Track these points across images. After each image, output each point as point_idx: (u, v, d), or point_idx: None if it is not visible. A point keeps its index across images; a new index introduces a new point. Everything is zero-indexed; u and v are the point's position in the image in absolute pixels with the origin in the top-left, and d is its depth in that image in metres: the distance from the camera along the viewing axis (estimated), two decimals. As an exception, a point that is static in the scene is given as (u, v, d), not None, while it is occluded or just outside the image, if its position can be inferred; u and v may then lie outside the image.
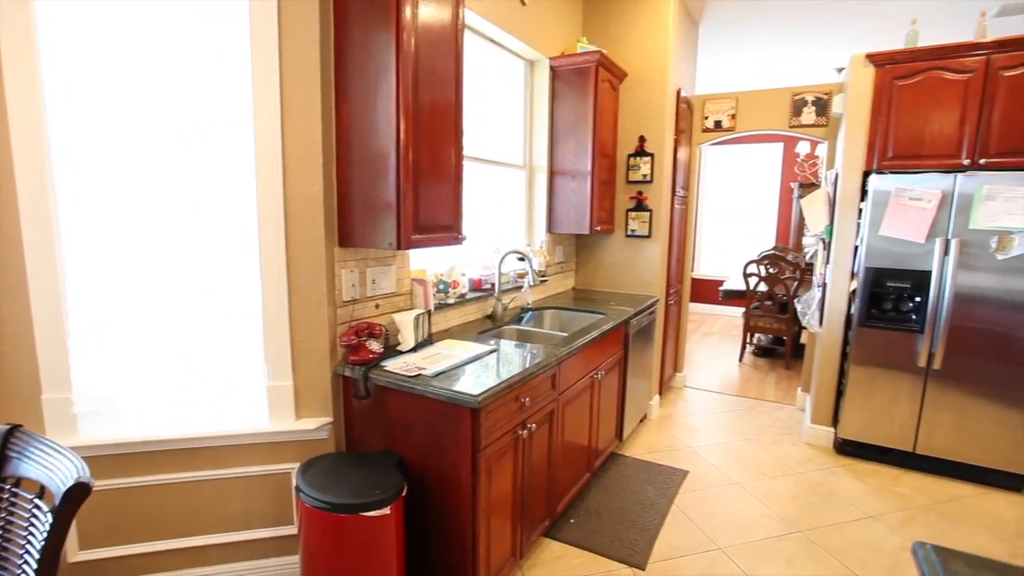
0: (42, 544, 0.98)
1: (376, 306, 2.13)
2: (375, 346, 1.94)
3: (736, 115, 4.07)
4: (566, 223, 3.34)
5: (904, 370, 2.98)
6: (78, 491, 0.99)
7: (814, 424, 3.40)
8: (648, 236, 3.54)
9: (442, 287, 2.49)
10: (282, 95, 1.79)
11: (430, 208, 1.92)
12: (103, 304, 1.75)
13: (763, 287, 5.06)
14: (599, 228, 3.38)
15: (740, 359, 5.33)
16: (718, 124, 4.14)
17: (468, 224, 2.40)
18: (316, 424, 1.94)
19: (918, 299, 2.91)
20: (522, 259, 2.92)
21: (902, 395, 3.00)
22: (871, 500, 2.73)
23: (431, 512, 1.82)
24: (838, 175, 3.22)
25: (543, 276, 3.27)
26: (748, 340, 5.40)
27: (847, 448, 3.21)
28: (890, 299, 3.00)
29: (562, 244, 3.64)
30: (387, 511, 1.61)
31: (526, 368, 1.91)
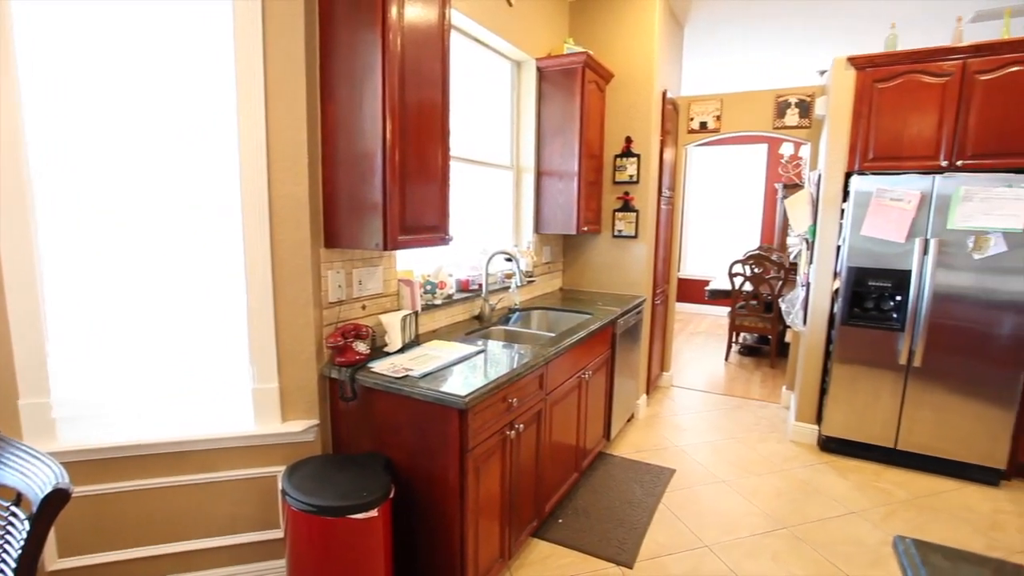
0: (19, 552, 0.96)
1: (363, 307, 2.12)
2: (362, 347, 1.92)
3: (721, 116, 4.11)
4: (553, 223, 3.35)
5: (886, 368, 3.03)
6: (56, 498, 0.98)
7: (798, 422, 3.45)
8: (635, 236, 3.57)
9: (429, 288, 2.48)
10: (266, 95, 1.78)
11: (417, 208, 1.91)
12: (84, 307, 1.72)
13: (748, 287, 5.12)
14: (586, 228, 3.39)
15: (726, 358, 5.38)
16: (703, 125, 4.18)
17: (455, 225, 2.40)
18: (302, 426, 1.92)
19: (899, 298, 2.96)
20: (509, 259, 2.92)
21: (884, 392, 3.05)
22: (854, 496, 2.77)
23: (419, 514, 1.82)
24: (821, 176, 3.26)
25: (530, 276, 3.28)
26: (734, 339, 5.45)
27: (831, 445, 3.26)
28: (872, 298, 3.05)
29: (549, 244, 3.65)
30: (374, 513, 1.60)
31: (514, 368, 1.91)
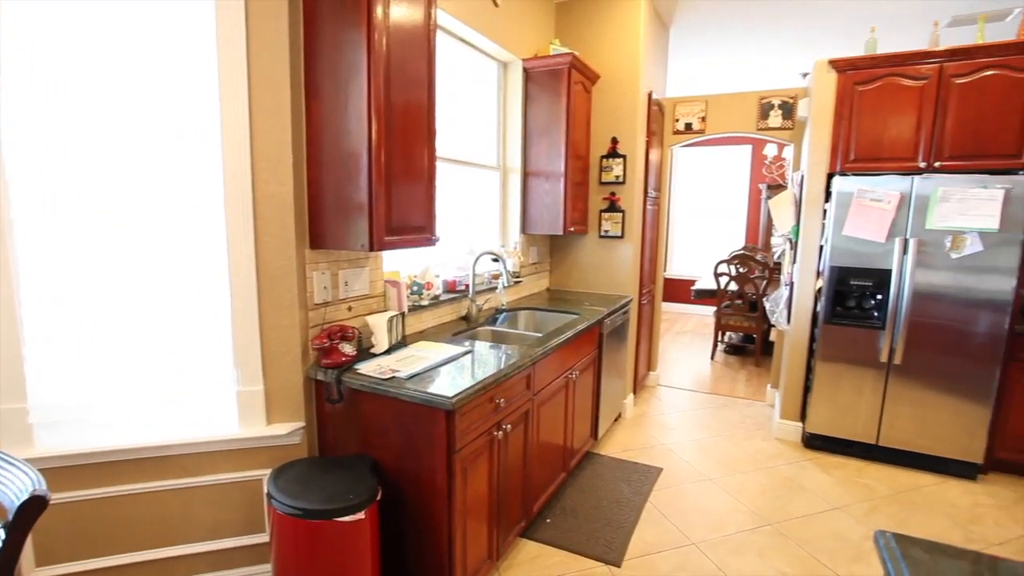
0: (-5, 561, 0.94)
1: (349, 308, 2.10)
2: (348, 349, 1.91)
3: (706, 118, 4.16)
4: (540, 224, 3.36)
5: (867, 365, 3.08)
6: (33, 505, 0.96)
7: (783, 419, 3.49)
8: (621, 237, 3.59)
9: (416, 289, 2.47)
10: (250, 95, 1.76)
11: (403, 209, 1.90)
12: (64, 310, 1.68)
13: (733, 286, 5.18)
14: (573, 229, 3.40)
15: (712, 357, 5.43)
16: (688, 126, 4.21)
17: (442, 225, 2.39)
18: (288, 429, 1.90)
19: (880, 297, 3.02)
20: (496, 260, 2.92)
21: (866, 390, 3.10)
22: (837, 492, 2.82)
23: (406, 515, 1.81)
24: (804, 177, 3.31)
25: (517, 277, 3.28)
26: (719, 338, 5.51)
27: (815, 442, 3.31)
28: (854, 297, 3.11)
29: (536, 245, 3.66)
30: (361, 516, 1.59)
31: (501, 369, 1.91)
